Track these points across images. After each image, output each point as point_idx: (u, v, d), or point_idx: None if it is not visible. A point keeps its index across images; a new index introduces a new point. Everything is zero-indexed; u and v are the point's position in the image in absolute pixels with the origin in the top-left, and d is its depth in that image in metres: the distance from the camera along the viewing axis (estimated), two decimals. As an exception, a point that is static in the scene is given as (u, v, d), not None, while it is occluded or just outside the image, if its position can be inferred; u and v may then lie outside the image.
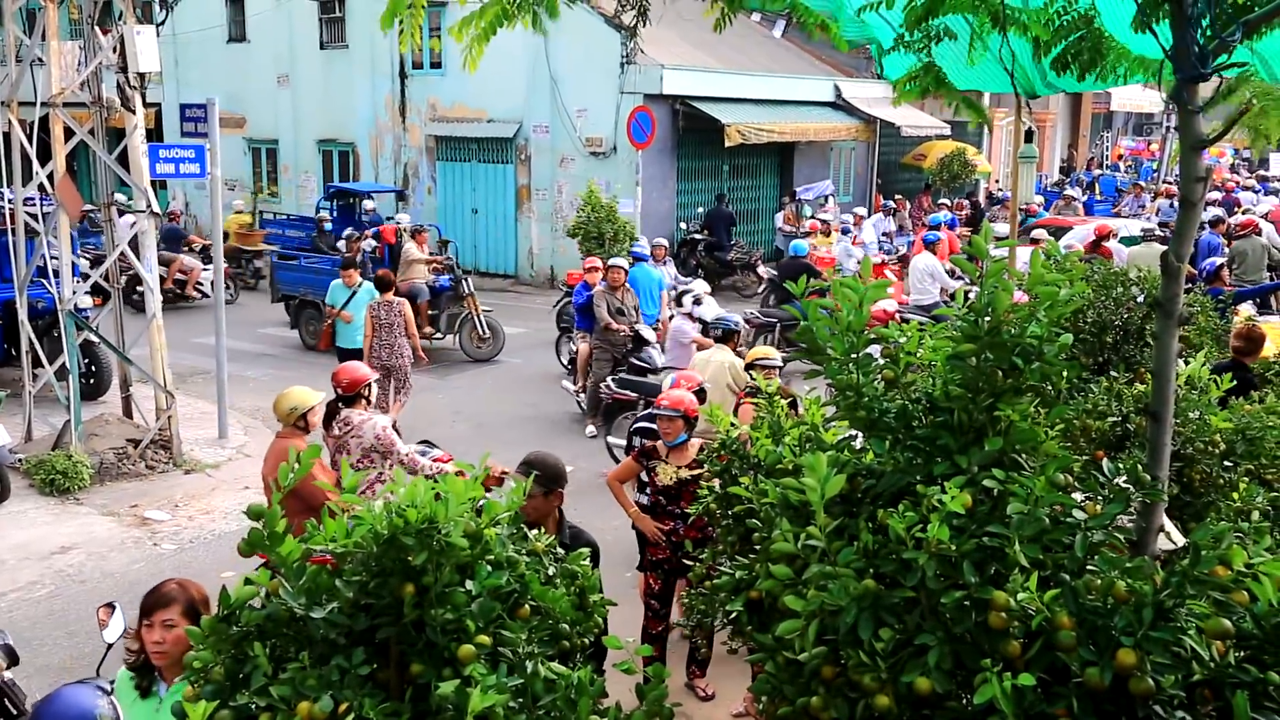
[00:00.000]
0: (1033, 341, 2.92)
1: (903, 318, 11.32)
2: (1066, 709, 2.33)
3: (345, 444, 6.70)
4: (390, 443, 6.68)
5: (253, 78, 24.38)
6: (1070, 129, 36.39)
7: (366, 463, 6.68)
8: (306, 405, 6.40)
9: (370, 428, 6.69)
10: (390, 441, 6.69)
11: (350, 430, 6.71)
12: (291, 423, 6.39)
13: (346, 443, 6.70)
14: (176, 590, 3.60)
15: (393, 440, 6.73)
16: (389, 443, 6.67)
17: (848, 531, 2.90)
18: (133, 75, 9.77)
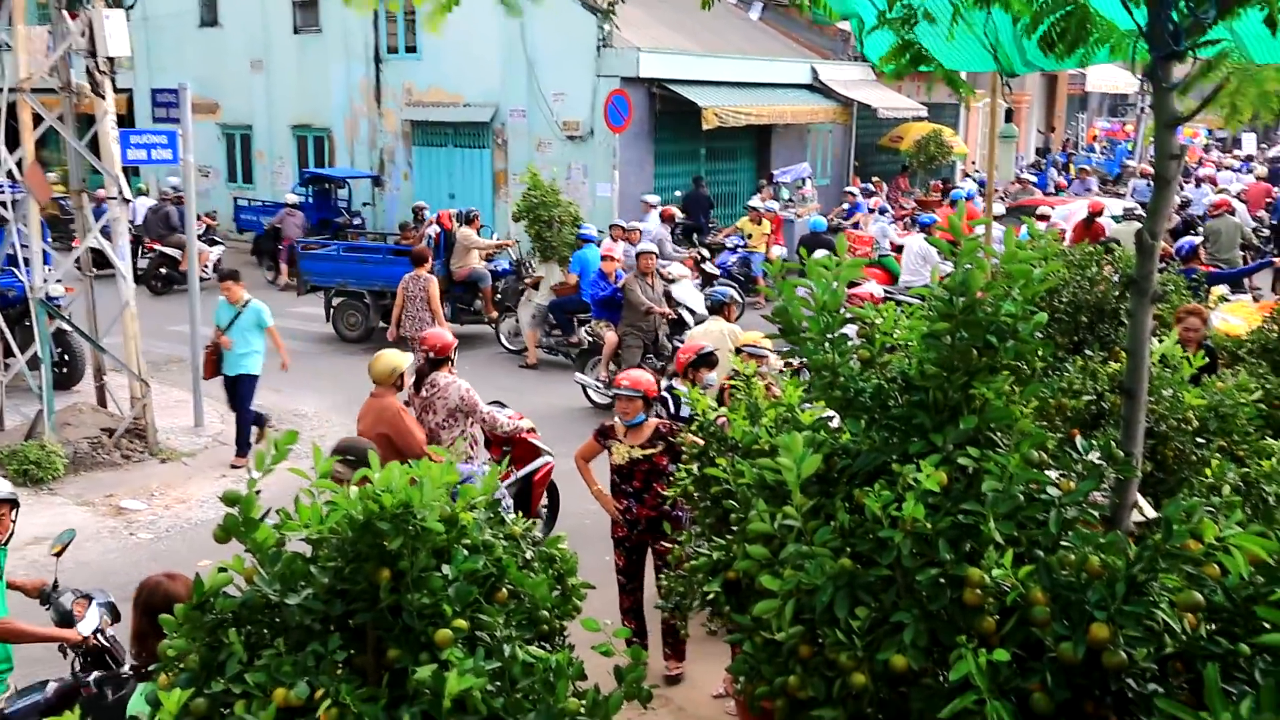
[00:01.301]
0: (1007, 320, 2.93)
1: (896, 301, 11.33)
2: (1041, 683, 2.35)
3: (432, 404, 7.23)
4: (474, 403, 7.25)
5: (226, 63, 24.11)
6: (1046, 110, 36.52)
7: (451, 421, 7.20)
8: (403, 367, 6.99)
9: (455, 390, 7.24)
10: (474, 402, 7.25)
11: (437, 391, 7.24)
12: (390, 383, 6.94)
13: (433, 403, 7.23)
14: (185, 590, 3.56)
15: (475, 401, 7.27)
16: (472, 403, 7.23)
17: (824, 511, 2.91)
18: (102, 60, 9.64)
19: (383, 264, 14.67)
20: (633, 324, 11.47)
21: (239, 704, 2.57)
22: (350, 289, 14.84)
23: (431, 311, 11.72)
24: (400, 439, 6.65)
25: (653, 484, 5.87)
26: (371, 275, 14.59)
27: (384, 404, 6.82)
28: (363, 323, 14.77)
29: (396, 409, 6.83)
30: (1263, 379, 6.03)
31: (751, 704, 3.09)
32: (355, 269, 14.93)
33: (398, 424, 6.74)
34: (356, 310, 14.85)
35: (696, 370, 6.87)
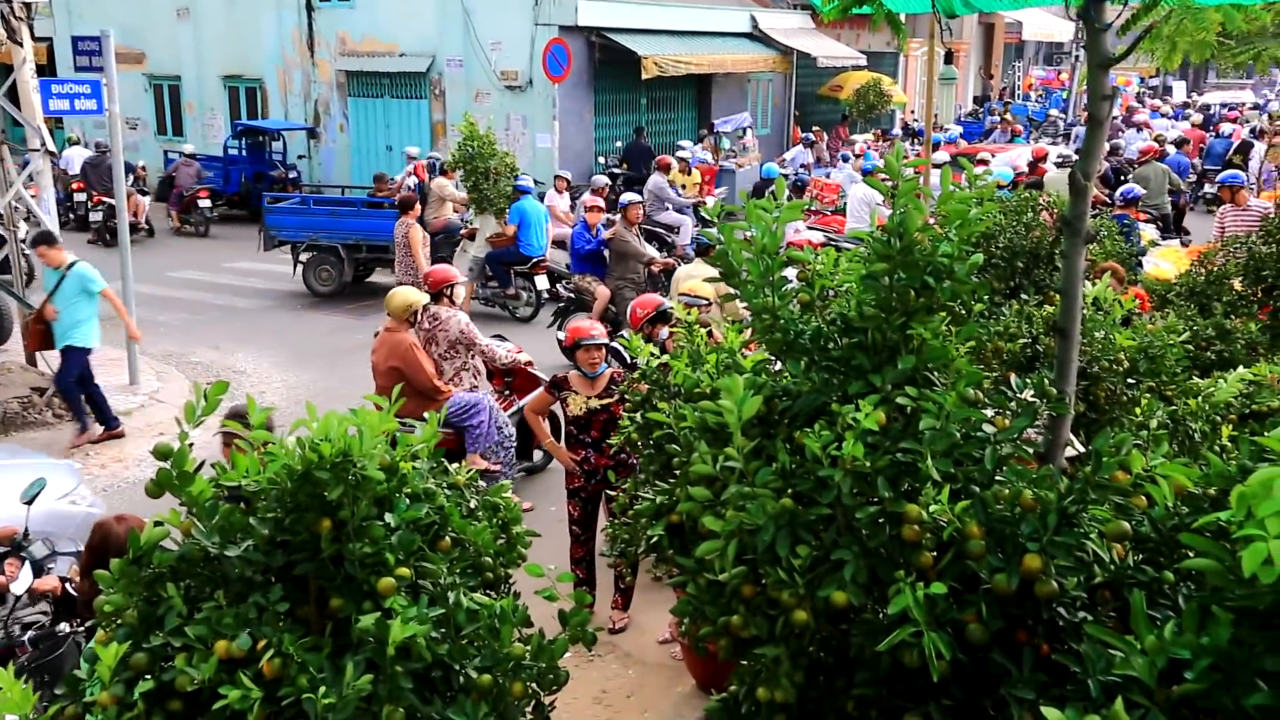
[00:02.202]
0: (944, 260, 2.95)
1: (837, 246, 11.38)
2: (976, 614, 2.40)
3: (434, 336, 7.63)
4: (473, 336, 7.72)
5: (151, 10, 23.32)
6: (984, 59, 36.75)
7: (452, 353, 7.66)
8: (419, 304, 7.46)
9: (455, 323, 7.69)
10: (473, 335, 7.72)
11: (438, 324, 7.66)
12: (404, 318, 7.36)
13: (435, 335, 7.64)
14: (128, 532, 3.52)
15: (474, 334, 7.75)
16: (471, 336, 7.71)
17: (765, 452, 2.93)
18: (18, 5, 9.28)
19: (357, 217, 14.35)
20: (624, 275, 11.31)
21: (179, 657, 2.54)
22: (322, 243, 14.38)
23: (413, 258, 11.81)
24: (411, 371, 7.14)
25: (610, 433, 5.89)
26: (345, 229, 14.20)
27: (397, 338, 7.29)
28: (336, 277, 14.44)
29: (409, 343, 7.28)
30: (1190, 321, 6.18)
31: (695, 645, 3.13)
32: (327, 222, 14.44)
33: (409, 357, 7.20)
34: (329, 265, 14.47)
35: (653, 326, 6.85)
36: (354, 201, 15.18)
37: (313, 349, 12.04)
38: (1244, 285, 7.28)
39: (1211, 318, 6.45)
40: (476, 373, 7.85)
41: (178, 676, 2.52)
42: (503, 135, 20.06)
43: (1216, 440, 4.44)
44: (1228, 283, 7.27)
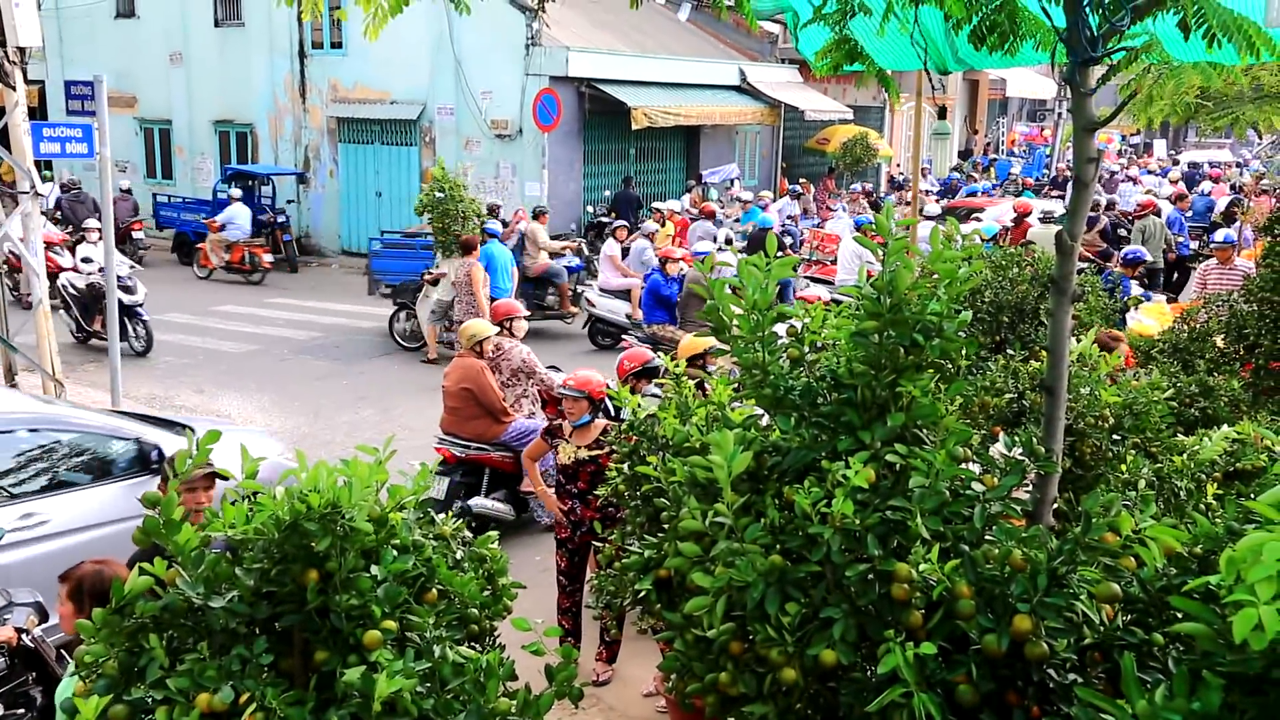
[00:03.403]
0: (933, 318, 2.98)
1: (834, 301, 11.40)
2: (966, 675, 2.40)
3: (498, 365, 8.22)
4: (533, 365, 8.38)
5: (143, 55, 23.48)
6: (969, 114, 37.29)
7: (513, 381, 8.27)
8: (484, 334, 8.07)
9: (517, 353, 8.36)
10: (533, 364, 8.39)
11: (501, 354, 8.29)
12: (471, 346, 8.02)
13: (499, 364, 8.24)
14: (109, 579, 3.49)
15: (535, 364, 8.41)
16: (532, 365, 8.37)
17: (755, 508, 2.93)
18: (12, 50, 9.32)
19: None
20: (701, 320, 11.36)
21: (160, 711, 2.50)
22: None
23: (474, 296, 12.17)
24: (481, 393, 7.82)
25: (597, 485, 5.86)
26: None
27: (469, 363, 7.94)
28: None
29: (479, 367, 7.90)
30: (1174, 378, 6.23)
31: (682, 701, 3.11)
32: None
33: (480, 380, 7.84)
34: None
35: (638, 380, 6.84)
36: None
37: (299, 394, 12.00)
38: (1226, 342, 7.35)
39: (1195, 375, 6.50)
40: (535, 400, 8.47)
41: (158, 730, 2.48)
42: (492, 183, 20.20)
43: (1201, 498, 4.46)
44: (1210, 340, 7.34)
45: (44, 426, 6.42)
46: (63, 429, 6.44)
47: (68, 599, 4.00)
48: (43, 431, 6.36)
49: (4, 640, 4.44)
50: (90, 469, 6.44)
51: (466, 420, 7.90)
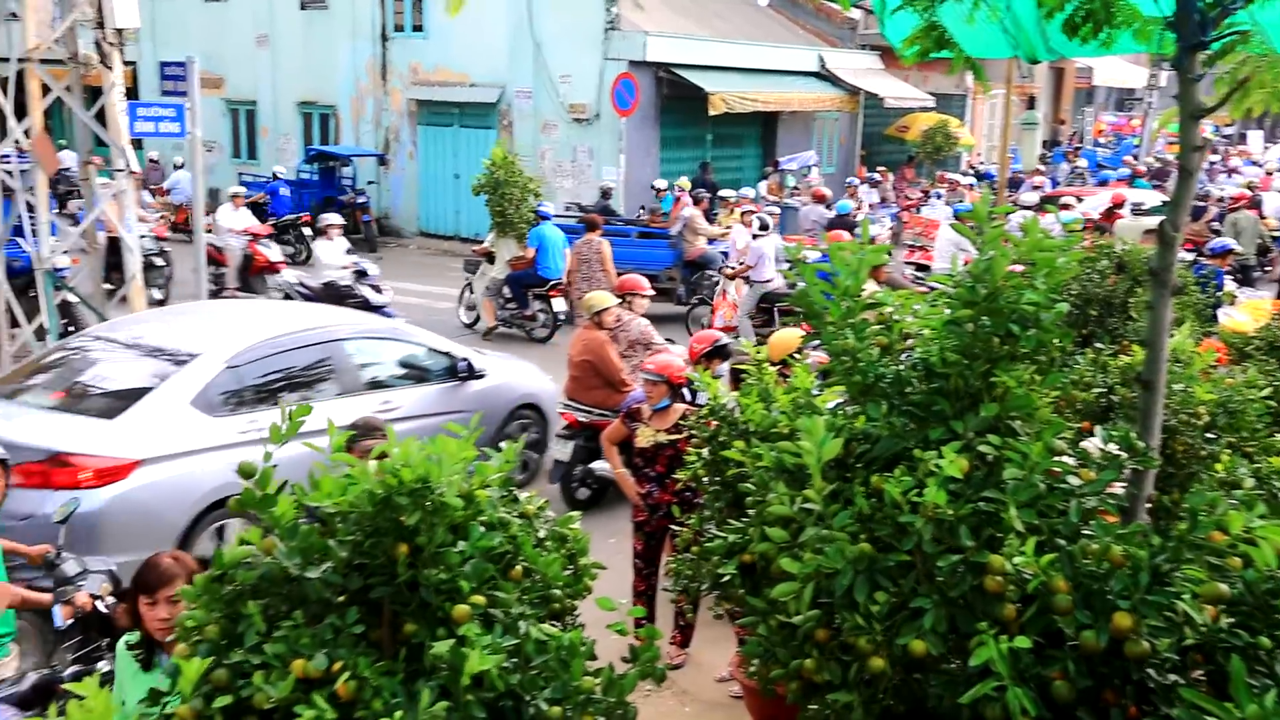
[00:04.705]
0: (1029, 308, 2.92)
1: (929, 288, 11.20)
2: (1062, 671, 2.35)
3: (616, 336, 8.48)
4: (650, 337, 8.66)
5: (231, 37, 24.00)
6: (1053, 104, 36.44)
7: (630, 352, 8.44)
8: (603, 305, 8.36)
9: (636, 325, 8.69)
10: (650, 336, 8.67)
11: (620, 326, 8.56)
12: (591, 318, 8.34)
13: (617, 335, 8.48)
14: (175, 565, 3.57)
15: (652, 335, 8.71)
16: (649, 337, 8.64)
17: (843, 496, 2.90)
18: (110, 31, 9.57)
19: (631, 247, 14.51)
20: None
21: (258, 675, 2.57)
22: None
23: (605, 272, 12.39)
24: (602, 364, 8.10)
25: (675, 469, 5.86)
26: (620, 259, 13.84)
27: (591, 335, 8.26)
28: None
29: (601, 339, 8.19)
30: (1271, 375, 6.03)
31: (764, 686, 3.10)
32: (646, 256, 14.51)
33: (601, 352, 8.10)
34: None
35: (710, 360, 6.86)
36: (627, 232, 15.28)
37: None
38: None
39: (1294, 373, 6.28)
40: None
41: (255, 694, 2.54)
42: (569, 167, 20.29)
43: (1301, 500, 4.32)
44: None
45: (391, 337, 8.15)
46: (403, 340, 8.18)
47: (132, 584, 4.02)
48: (390, 341, 8.07)
49: (79, 606, 4.58)
50: (421, 372, 8.10)
51: (588, 389, 8.18)
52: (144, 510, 6.09)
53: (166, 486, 6.23)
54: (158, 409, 6.42)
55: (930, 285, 10.63)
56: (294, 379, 7.18)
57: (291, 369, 7.17)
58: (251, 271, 14.38)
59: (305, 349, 7.27)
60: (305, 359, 7.26)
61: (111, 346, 7.15)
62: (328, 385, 7.29)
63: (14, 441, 5.82)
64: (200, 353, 6.75)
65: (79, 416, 6.43)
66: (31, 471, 5.89)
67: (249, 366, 6.87)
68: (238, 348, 6.89)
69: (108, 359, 7.05)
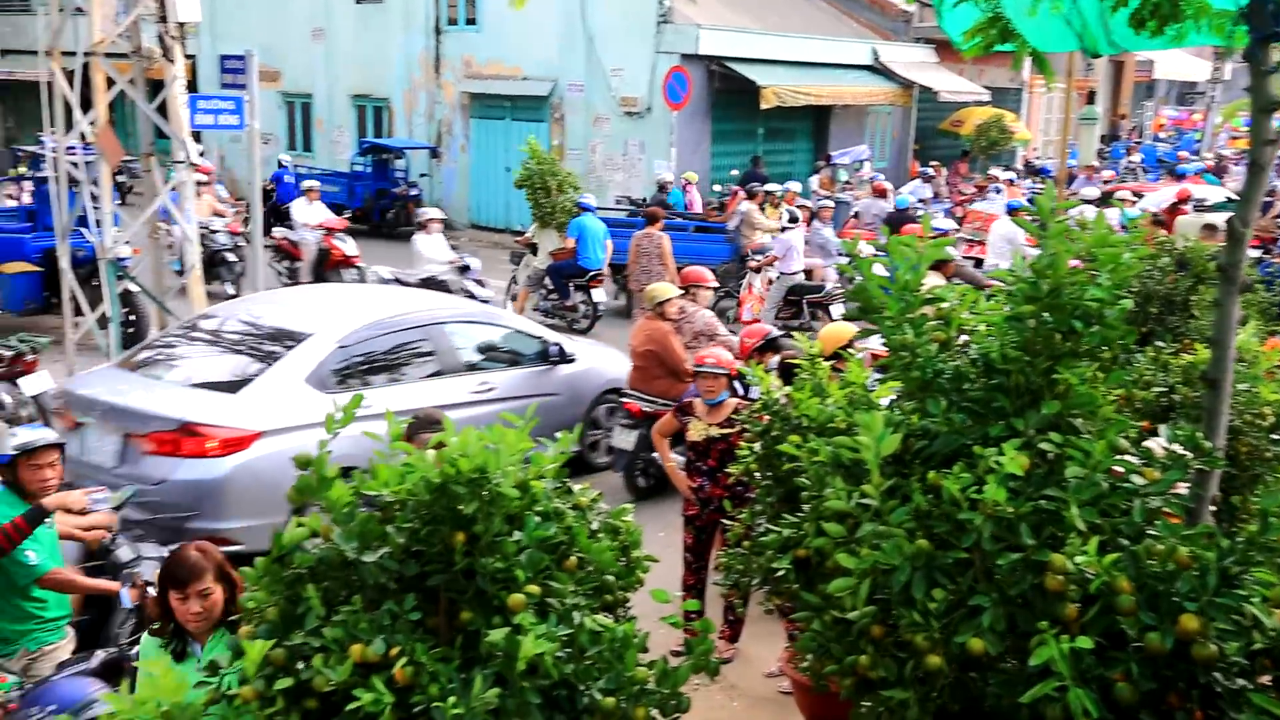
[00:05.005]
0: (1092, 304, 2.88)
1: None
2: (1125, 673, 2.32)
3: (681, 327, 8.49)
4: (715, 328, 8.69)
5: (288, 31, 24.30)
6: (1111, 97, 35.78)
7: (695, 344, 8.35)
8: (666, 295, 8.39)
9: (700, 316, 8.72)
10: (715, 327, 8.71)
11: (685, 317, 8.58)
12: (654, 308, 8.33)
13: (681, 327, 8.50)
14: (202, 558, 3.60)
15: (716, 327, 8.75)
16: (714, 328, 8.67)
17: (900, 492, 2.88)
18: (172, 25, 9.73)
19: (688, 242, 14.58)
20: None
21: (317, 658, 2.61)
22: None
23: (665, 266, 12.47)
24: (666, 355, 8.12)
25: (727, 463, 5.85)
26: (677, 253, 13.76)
27: (654, 325, 8.27)
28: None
29: (665, 330, 8.22)
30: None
31: (817, 682, 3.09)
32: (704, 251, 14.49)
33: (665, 341, 8.14)
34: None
35: (763, 354, 6.84)
36: (685, 226, 15.33)
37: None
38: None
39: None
40: None
41: (315, 676, 2.58)
42: (620, 160, 20.31)
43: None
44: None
45: (488, 321, 8.61)
46: (498, 325, 8.65)
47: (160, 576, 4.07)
48: (487, 325, 8.51)
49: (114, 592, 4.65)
50: (514, 355, 8.46)
51: (651, 379, 8.23)
52: (263, 479, 6.36)
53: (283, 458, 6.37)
54: (275, 384, 6.84)
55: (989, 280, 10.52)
56: (398, 358, 7.61)
57: (396, 349, 7.60)
58: (327, 266, 14.27)
59: (409, 330, 7.70)
60: (409, 340, 7.68)
61: (231, 325, 7.63)
62: (429, 365, 7.70)
63: (147, 411, 6.54)
64: (314, 332, 7.18)
65: (204, 390, 6.87)
66: (163, 440, 6.41)
67: (358, 346, 7.30)
68: (348, 328, 7.32)
69: (228, 337, 7.51)
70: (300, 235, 14.74)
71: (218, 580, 3.59)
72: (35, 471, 4.63)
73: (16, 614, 4.63)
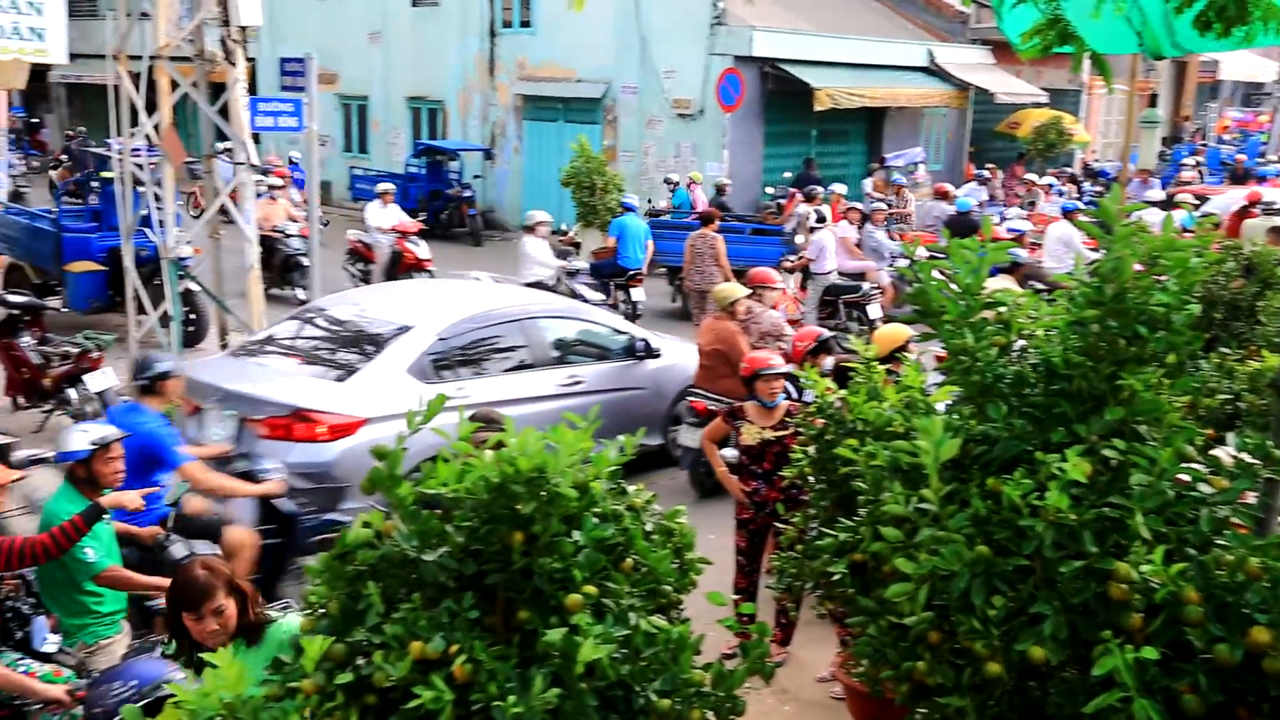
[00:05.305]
0: (1159, 309, 2.84)
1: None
2: (1191, 684, 2.28)
3: (748, 327, 8.56)
4: (782, 329, 8.78)
5: (344, 34, 24.62)
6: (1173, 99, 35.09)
7: (762, 343, 8.39)
8: (736, 295, 8.49)
9: (767, 317, 8.82)
10: (782, 328, 8.80)
11: (752, 318, 8.67)
12: (724, 308, 8.43)
13: (749, 326, 8.58)
14: (211, 575, 3.63)
15: (783, 328, 8.84)
16: (781, 329, 8.79)
17: (958, 497, 2.86)
18: (235, 29, 9.91)
19: (744, 244, 14.61)
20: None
21: (377, 654, 2.64)
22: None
23: (720, 267, 12.59)
24: (733, 354, 8.01)
25: (782, 466, 5.84)
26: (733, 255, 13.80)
27: (721, 325, 8.35)
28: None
29: (732, 330, 8.28)
30: None
31: (873, 687, 3.07)
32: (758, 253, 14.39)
33: (732, 341, 8.14)
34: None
35: (815, 357, 6.82)
36: (741, 228, 15.37)
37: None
38: None
39: None
40: None
41: (375, 672, 2.61)
42: (672, 162, 20.31)
43: None
44: None
45: (577, 317, 8.89)
46: (588, 320, 8.93)
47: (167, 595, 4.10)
48: (576, 320, 8.81)
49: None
50: (603, 350, 8.78)
51: (718, 378, 8.25)
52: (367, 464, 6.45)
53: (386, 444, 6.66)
54: (379, 374, 7.20)
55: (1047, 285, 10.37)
56: (493, 351, 7.99)
57: (492, 342, 8.00)
58: (400, 269, 14.26)
59: (503, 324, 8.10)
60: (503, 333, 8.08)
61: (337, 317, 8.05)
62: (521, 358, 8.08)
63: (262, 397, 6.92)
64: (414, 325, 7.55)
65: (314, 379, 7.27)
66: (276, 425, 6.75)
67: (456, 339, 7.68)
68: (447, 321, 7.71)
69: (334, 328, 7.94)
70: (374, 238, 14.85)
71: (229, 595, 3.61)
72: (109, 464, 4.87)
73: (75, 608, 4.79)
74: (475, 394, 7.32)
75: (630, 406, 8.54)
